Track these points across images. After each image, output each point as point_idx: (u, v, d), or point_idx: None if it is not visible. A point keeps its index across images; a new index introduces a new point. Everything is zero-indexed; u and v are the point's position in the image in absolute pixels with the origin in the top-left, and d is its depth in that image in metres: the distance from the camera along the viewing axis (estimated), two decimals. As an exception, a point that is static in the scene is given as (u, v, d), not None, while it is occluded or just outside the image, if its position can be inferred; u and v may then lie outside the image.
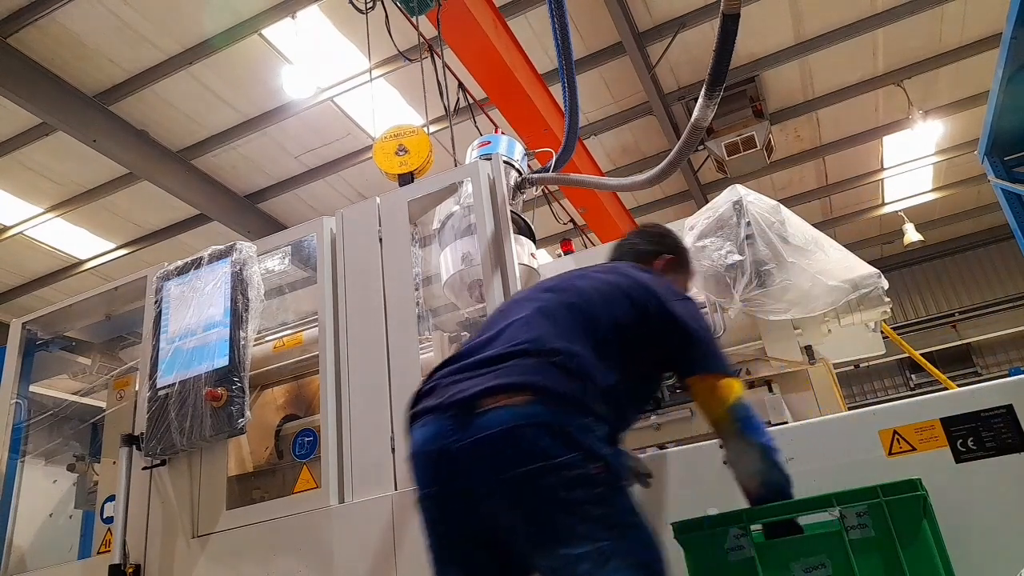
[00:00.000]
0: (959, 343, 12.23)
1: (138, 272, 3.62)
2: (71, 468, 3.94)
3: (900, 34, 7.57)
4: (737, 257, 2.72)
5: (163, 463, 3.12)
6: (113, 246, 9.34)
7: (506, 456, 1.47)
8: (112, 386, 3.74)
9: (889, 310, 2.78)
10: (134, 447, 3.13)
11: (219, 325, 3.11)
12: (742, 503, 1.84)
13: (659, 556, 1.54)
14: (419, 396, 1.71)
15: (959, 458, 2.04)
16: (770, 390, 3.01)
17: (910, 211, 11.07)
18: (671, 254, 2.32)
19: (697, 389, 1.85)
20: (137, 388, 3.46)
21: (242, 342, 3.06)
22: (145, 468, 3.12)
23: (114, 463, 3.36)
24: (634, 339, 1.82)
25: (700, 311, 2.02)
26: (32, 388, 3.86)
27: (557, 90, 5.40)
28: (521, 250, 3.08)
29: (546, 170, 3.71)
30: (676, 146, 2.46)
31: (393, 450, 2.75)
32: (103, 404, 3.83)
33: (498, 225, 2.97)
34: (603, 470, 1.51)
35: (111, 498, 3.30)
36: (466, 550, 1.58)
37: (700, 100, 2.08)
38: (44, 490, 3.94)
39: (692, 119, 2.20)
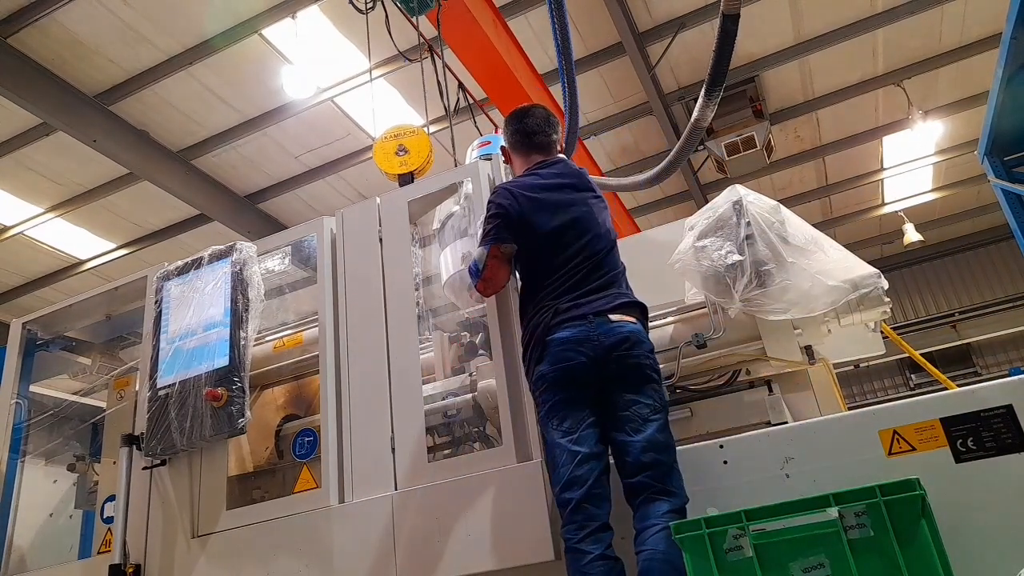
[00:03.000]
0: (959, 343, 12.22)
1: (138, 272, 3.63)
2: (71, 468, 3.94)
3: (900, 34, 7.56)
4: (737, 257, 2.72)
5: (163, 463, 3.13)
6: (113, 246, 9.34)
7: (627, 345, 2.37)
8: (112, 386, 3.74)
9: (889, 310, 2.77)
10: (134, 447, 3.14)
11: (219, 325, 3.11)
12: (742, 503, 1.84)
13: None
14: (558, 312, 2.45)
15: (959, 458, 2.04)
16: (770, 390, 3.00)
17: (910, 211, 11.07)
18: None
19: None
20: (137, 388, 3.46)
21: (242, 342, 3.06)
22: (145, 468, 3.13)
23: (114, 463, 3.36)
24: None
25: None
26: (32, 388, 3.86)
27: (557, 90, 5.42)
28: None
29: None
30: (676, 146, 2.48)
31: (393, 450, 2.75)
32: (103, 404, 3.83)
33: (498, 225, 2.95)
34: (657, 366, 2.45)
35: (111, 498, 3.30)
36: (587, 395, 2.38)
37: (700, 100, 2.09)
38: (44, 490, 3.94)
39: (692, 119, 2.22)
